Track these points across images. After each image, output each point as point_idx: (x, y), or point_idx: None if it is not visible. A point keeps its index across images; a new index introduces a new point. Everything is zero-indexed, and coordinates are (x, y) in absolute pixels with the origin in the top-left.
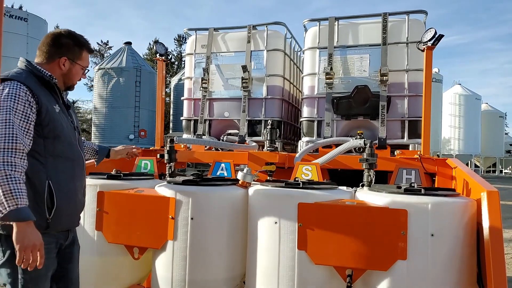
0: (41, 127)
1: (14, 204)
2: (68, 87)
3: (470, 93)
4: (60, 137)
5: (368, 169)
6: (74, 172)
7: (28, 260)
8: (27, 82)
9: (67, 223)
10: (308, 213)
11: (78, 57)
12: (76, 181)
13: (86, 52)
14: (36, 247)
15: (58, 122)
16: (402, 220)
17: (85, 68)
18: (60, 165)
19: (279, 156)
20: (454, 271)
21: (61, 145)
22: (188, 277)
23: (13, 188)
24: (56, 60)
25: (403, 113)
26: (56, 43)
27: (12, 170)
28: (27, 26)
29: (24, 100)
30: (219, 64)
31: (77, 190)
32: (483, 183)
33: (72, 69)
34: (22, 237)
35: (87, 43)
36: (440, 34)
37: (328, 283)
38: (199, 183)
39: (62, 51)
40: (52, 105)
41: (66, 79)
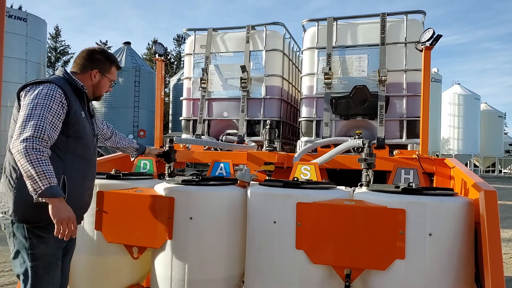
0: (67, 127)
1: (47, 183)
2: (96, 97)
3: (469, 93)
4: (83, 138)
5: (367, 169)
6: (87, 173)
7: (65, 230)
8: (63, 86)
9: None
10: (307, 213)
11: (107, 71)
12: (87, 181)
13: (114, 68)
14: (70, 219)
15: (82, 125)
16: (400, 220)
17: (112, 82)
18: (76, 164)
19: (278, 156)
20: (452, 270)
21: (81, 146)
22: (187, 276)
23: (45, 169)
24: (89, 72)
25: (402, 113)
26: (90, 57)
27: (41, 155)
28: (27, 26)
29: (58, 101)
30: (218, 64)
31: (85, 189)
32: (481, 183)
33: (101, 81)
34: (58, 211)
35: (116, 60)
36: (438, 34)
37: (327, 282)
38: (198, 183)
39: (94, 65)
40: (80, 110)
41: (96, 89)
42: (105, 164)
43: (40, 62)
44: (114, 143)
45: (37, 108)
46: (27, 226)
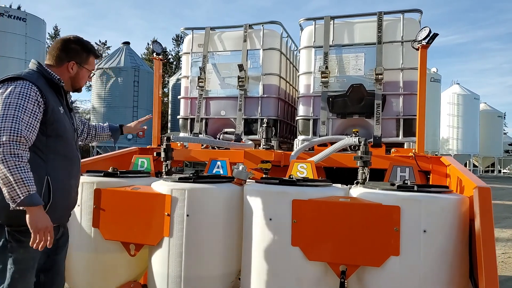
0: (45, 126)
1: (26, 191)
2: (75, 89)
3: (469, 93)
4: (62, 136)
5: (363, 167)
6: (71, 170)
7: (41, 241)
8: (38, 83)
9: (60, 217)
10: (302, 210)
11: (85, 61)
12: (72, 179)
13: (93, 57)
14: (47, 229)
15: (62, 123)
16: (395, 217)
17: (91, 72)
18: (59, 162)
19: (274, 154)
20: (446, 266)
21: (62, 144)
22: (184, 273)
23: (24, 176)
24: (65, 64)
25: (398, 112)
26: (65, 48)
27: (19, 161)
28: (26, 26)
29: (34, 99)
30: (215, 63)
31: (71, 188)
32: (475, 180)
33: (80, 72)
34: (36, 221)
35: (94, 48)
36: (435, 33)
37: (323, 279)
38: (195, 181)
39: (70, 56)
40: (58, 106)
41: (74, 82)
42: (103, 162)
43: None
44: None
45: (10, 108)
46: (8, 229)
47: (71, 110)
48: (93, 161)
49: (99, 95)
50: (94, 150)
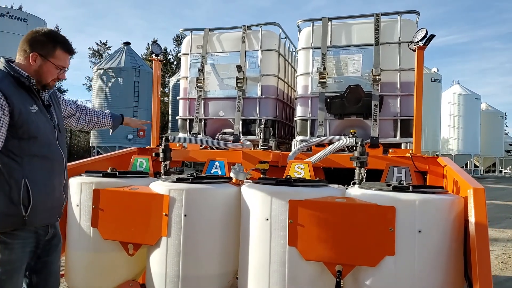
0: (15, 129)
1: None
2: (43, 85)
3: (470, 93)
4: (36, 137)
5: (359, 167)
6: (52, 170)
7: None
8: (1, 85)
9: (44, 219)
10: (299, 210)
11: (51, 54)
12: (54, 178)
13: (61, 51)
14: None
15: (33, 123)
16: (390, 217)
17: (60, 68)
18: (37, 164)
19: (272, 155)
20: (441, 266)
21: (38, 145)
22: (182, 273)
23: None
24: (28, 56)
25: (396, 112)
26: (30, 40)
27: None
28: (27, 27)
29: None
30: (214, 64)
31: (55, 187)
32: (470, 181)
33: (44, 66)
34: None
35: (65, 42)
36: (431, 34)
37: (319, 278)
38: (193, 181)
39: (34, 47)
40: (28, 106)
41: (38, 76)
42: (102, 162)
43: None
44: (77, 121)
45: None
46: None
47: (49, 106)
48: (92, 161)
49: (100, 95)
50: (95, 150)
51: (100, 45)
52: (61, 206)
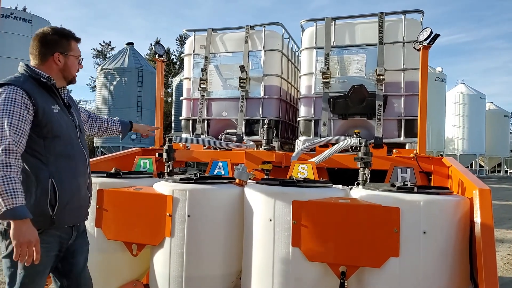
0: (39, 128)
1: (11, 203)
2: (69, 81)
3: (475, 92)
4: (59, 136)
5: (363, 168)
6: (76, 169)
7: (24, 255)
8: (24, 86)
9: (71, 218)
10: (302, 211)
11: (68, 48)
12: (79, 177)
13: (73, 42)
14: (31, 243)
15: (57, 122)
16: (395, 218)
17: (79, 58)
18: (62, 163)
19: (275, 155)
20: (447, 267)
21: (61, 144)
22: (185, 273)
23: (10, 188)
24: (50, 58)
25: (400, 112)
26: (45, 42)
27: (8, 171)
28: (31, 28)
29: (20, 103)
30: (217, 64)
31: (80, 186)
32: (476, 181)
33: (67, 61)
34: (18, 234)
35: (72, 33)
36: (436, 34)
37: (322, 279)
38: (196, 181)
39: (52, 48)
40: (50, 105)
41: (65, 73)
42: (106, 162)
43: None
44: (94, 127)
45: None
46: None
47: (69, 107)
48: (96, 161)
49: (103, 96)
50: (99, 151)
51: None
52: (88, 206)
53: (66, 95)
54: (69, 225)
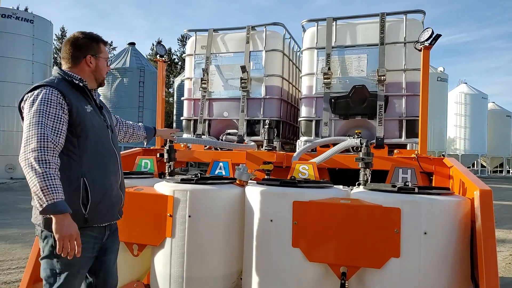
0: (73, 127)
1: (51, 198)
2: (100, 83)
3: (476, 92)
4: (92, 135)
5: (364, 168)
6: (108, 167)
7: (67, 248)
8: (59, 87)
9: (105, 217)
10: (303, 211)
11: (98, 51)
12: (111, 176)
13: (102, 44)
14: (73, 236)
15: (89, 122)
16: (395, 218)
17: (107, 60)
18: (94, 162)
19: (276, 156)
20: (447, 268)
21: (93, 143)
22: (186, 273)
23: (50, 184)
24: (82, 60)
25: (401, 113)
26: (77, 46)
27: (48, 168)
28: (33, 28)
29: (56, 103)
30: (218, 64)
31: (112, 185)
32: (477, 182)
33: (98, 63)
34: (60, 228)
35: (100, 36)
36: (437, 34)
37: (323, 280)
38: (197, 182)
39: (84, 51)
40: (83, 105)
41: (97, 74)
42: None
43: (47, 63)
44: (121, 132)
45: (35, 116)
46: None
47: (101, 108)
48: None
49: (105, 96)
50: None
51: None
52: (120, 204)
53: (97, 97)
54: (102, 224)
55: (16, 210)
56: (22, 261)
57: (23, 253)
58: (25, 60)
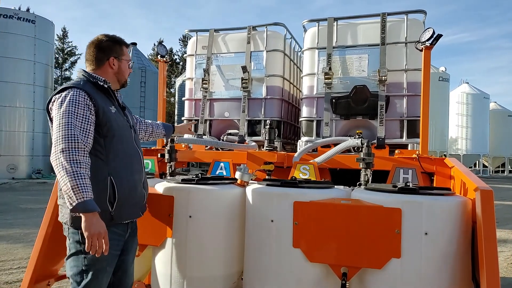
0: (100, 127)
1: (81, 197)
2: (122, 84)
3: (478, 92)
4: (117, 135)
5: (365, 168)
6: (133, 166)
7: (95, 246)
8: (85, 88)
9: (130, 214)
10: (304, 212)
11: (121, 53)
12: (135, 175)
13: (125, 47)
14: (101, 234)
15: (115, 122)
16: (396, 219)
17: (129, 62)
18: (119, 161)
19: (277, 156)
20: (448, 268)
21: (119, 143)
22: (187, 274)
23: (80, 183)
24: (106, 62)
25: (402, 113)
26: (101, 48)
27: (78, 167)
28: (35, 28)
29: (83, 104)
30: (219, 64)
31: (136, 184)
32: (478, 182)
33: (121, 65)
34: (89, 226)
35: (122, 39)
36: (438, 34)
37: (324, 280)
38: (197, 182)
39: (108, 53)
40: (108, 106)
41: (119, 76)
42: None
43: (48, 63)
44: (141, 131)
45: (64, 117)
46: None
47: (124, 108)
48: None
49: None
50: None
51: None
52: (143, 202)
53: (120, 97)
54: (126, 221)
55: (18, 210)
56: (23, 261)
57: (24, 253)
58: (27, 61)
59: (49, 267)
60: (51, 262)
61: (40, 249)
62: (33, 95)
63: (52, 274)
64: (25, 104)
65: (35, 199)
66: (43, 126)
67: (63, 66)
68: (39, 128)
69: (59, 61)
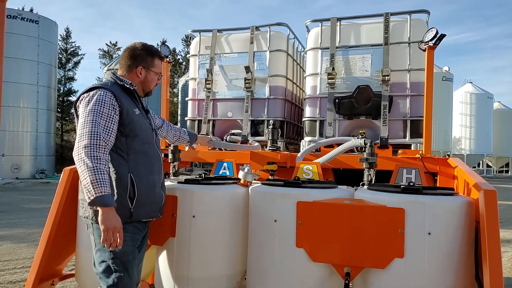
0: (123, 127)
1: (100, 191)
2: (146, 93)
3: (482, 92)
4: (139, 135)
5: (368, 168)
6: (152, 166)
7: (110, 240)
8: (112, 89)
9: (148, 213)
10: (307, 212)
11: (151, 65)
12: (155, 175)
13: (158, 59)
14: (116, 229)
15: (137, 123)
16: (399, 219)
17: (159, 74)
18: (140, 160)
19: (280, 156)
20: (452, 268)
21: (140, 143)
22: (190, 274)
23: (99, 178)
24: (134, 70)
25: (405, 113)
26: (132, 56)
27: (98, 163)
28: (38, 28)
29: (109, 104)
30: (222, 65)
31: (155, 183)
32: (481, 182)
33: (148, 76)
34: (105, 220)
35: (158, 51)
36: (442, 34)
37: (327, 280)
38: (201, 182)
39: (137, 62)
40: (133, 108)
41: (144, 85)
42: None
43: (52, 64)
44: (165, 132)
45: (89, 115)
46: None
47: (147, 112)
48: None
49: None
50: None
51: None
52: (162, 202)
53: (145, 102)
54: (145, 219)
55: (22, 210)
56: (27, 260)
57: (28, 252)
58: (30, 61)
59: (53, 266)
60: (55, 262)
61: (44, 249)
62: (36, 95)
63: (56, 273)
64: (29, 104)
65: (38, 199)
66: (47, 126)
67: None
68: (42, 128)
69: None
